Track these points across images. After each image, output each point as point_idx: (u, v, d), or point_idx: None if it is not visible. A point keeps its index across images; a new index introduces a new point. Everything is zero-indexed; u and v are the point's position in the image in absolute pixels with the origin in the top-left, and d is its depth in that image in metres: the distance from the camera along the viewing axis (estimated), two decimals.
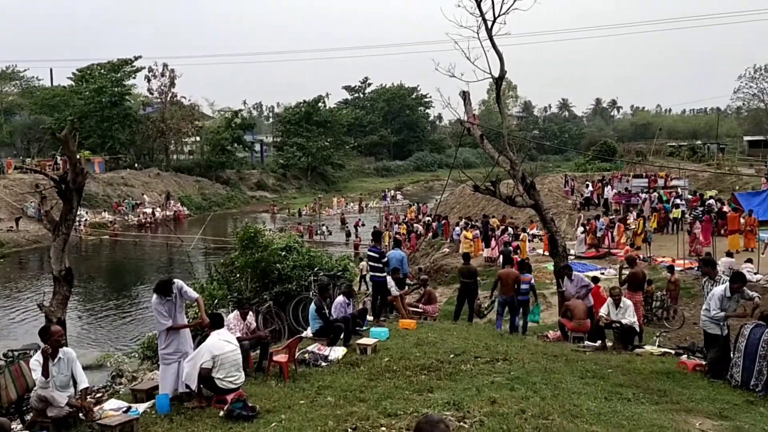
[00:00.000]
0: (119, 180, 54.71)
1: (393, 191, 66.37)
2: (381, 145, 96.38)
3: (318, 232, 41.65)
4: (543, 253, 23.28)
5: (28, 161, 50.83)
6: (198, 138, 71.40)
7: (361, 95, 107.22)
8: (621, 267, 14.49)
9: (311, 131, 75.19)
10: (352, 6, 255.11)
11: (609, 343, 11.44)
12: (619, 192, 33.59)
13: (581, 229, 25.03)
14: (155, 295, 7.84)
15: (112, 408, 7.44)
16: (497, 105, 16.66)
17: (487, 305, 16.79)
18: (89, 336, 20.70)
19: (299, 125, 75.90)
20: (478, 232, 26.66)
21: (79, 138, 22.36)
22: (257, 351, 9.27)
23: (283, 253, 15.51)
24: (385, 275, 13.11)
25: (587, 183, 37.26)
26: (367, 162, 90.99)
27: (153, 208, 51.97)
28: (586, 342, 11.83)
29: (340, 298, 11.37)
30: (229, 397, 7.23)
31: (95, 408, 7.32)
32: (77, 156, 10.69)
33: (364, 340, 10.30)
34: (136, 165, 62.77)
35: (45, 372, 6.77)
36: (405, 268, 14.82)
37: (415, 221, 37.14)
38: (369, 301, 14.45)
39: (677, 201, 27.59)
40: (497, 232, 25.92)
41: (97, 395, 11.28)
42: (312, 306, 10.79)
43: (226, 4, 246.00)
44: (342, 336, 10.43)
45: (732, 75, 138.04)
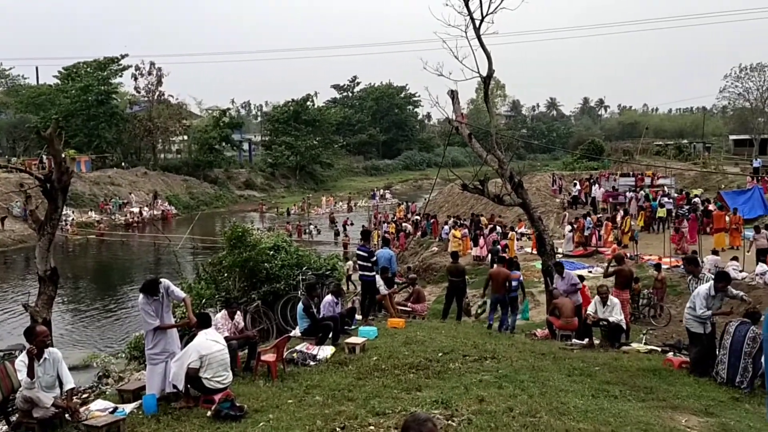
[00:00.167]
0: (106, 179, 54.23)
1: (382, 190, 66.39)
2: (370, 144, 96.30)
3: (306, 231, 41.58)
4: (531, 252, 23.38)
5: (13, 160, 50.35)
6: (186, 137, 71.08)
7: (350, 94, 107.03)
8: (609, 263, 14.59)
9: (300, 130, 75.03)
10: (342, 5, 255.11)
11: (596, 341, 11.52)
12: (609, 190, 33.74)
13: (569, 228, 25.16)
14: (142, 295, 7.80)
15: (98, 409, 7.40)
16: (485, 104, 16.73)
17: (480, 305, 16.82)
18: (75, 336, 20.52)
19: (288, 124, 75.69)
20: (466, 230, 26.76)
21: (66, 137, 22.18)
22: (245, 350, 9.24)
23: (272, 253, 15.44)
24: (374, 274, 13.11)
25: (575, 182, 37.50)
26: (356, 161, 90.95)
27: (140, 207, 51.65)
28: (573, 340, 11.90)
29: (328, 297, 11.35)
30: (217, 397, 7.20)
31: (81, 409, 7.27)
32: (62, 155, 10.59)
33: (352, 339, 10.29)
34: (123, 164, 62.34)
35: (30, 373, 6.72)
36: (394, 267, 14.85)
37: (404, 220, 37.16)
38: (358, 301, 14.45)
39: (665, 200, 27.78)
40: (485, 230, 26.02)
41: (84, 396, 11.17)
42: (300, 305, 10.77)
43: (214, 3, 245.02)
44: (330, 335, 10.41)
45: (718, 74, 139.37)
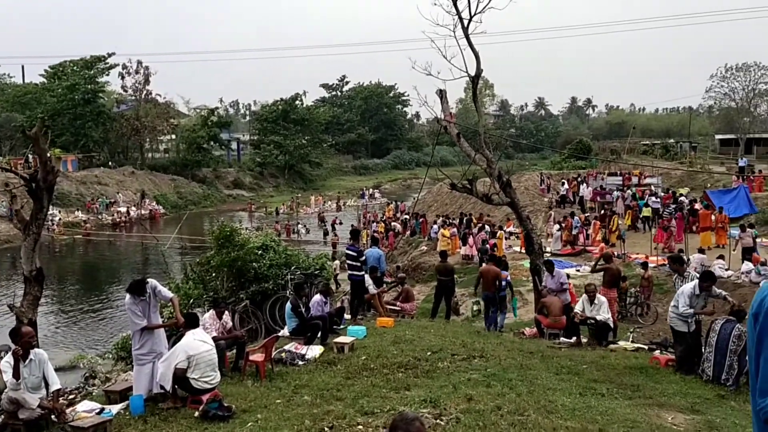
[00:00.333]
0: (93, 178, 53.72)
1: (371, 189, 66.29)
2: (359, 144, 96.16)
3: (295, 230, 41.48)
4: (520, 251, 23.44)
5: None
6: (173, 136, 70.67)
7: (339, 93, 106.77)
8: (597, 261, 14.69)
9: (288, 129, 74.79)
10: (331, 4, 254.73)
11: (584, 339, 11.58)
12: (597, 189, 33.90)
13: (557, 227, 25.27)
14: (129, 295, 7.76)
15: (85, 410, 7.35)
16: (474, 103, 16.76)
17: (475, 309, 16.86)
18: (61, 337, 20.34)
19: (276, 123, 75.35)
20: (455, 230, 26.79)
21: (52, 136, 22.00)
22: (233, 350, 9.22)
23: (260, 252, 15.41)
24: (363, 273, 13.12)
25: (563, 181, 37.66)
26: (345, 160, 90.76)
27: (127, 207, 51.19)
28: (561, 338, 11.95)
29: (317, 296, 11.34)
30: (205, 398, 7.18)
31: (68, 410, 7.22)
32: (48, 154, 10.53)
33: (341, 338, 10.28)
34: (110, 163, 61.85)
35: (16, 373, 6.68)
36: (383, 266, 14.86)
37: (393, 219, 37.17)
38: (347, 300, 14.44)
39: (652, 199, 27.98)
40: (474, 229, 26.08)
41: (70, 397, 11.05)
42: (288, 305, 10.74)
43: (201, 2, 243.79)
44: (319, 335, 10.40)
45: (704, 75, 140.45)
